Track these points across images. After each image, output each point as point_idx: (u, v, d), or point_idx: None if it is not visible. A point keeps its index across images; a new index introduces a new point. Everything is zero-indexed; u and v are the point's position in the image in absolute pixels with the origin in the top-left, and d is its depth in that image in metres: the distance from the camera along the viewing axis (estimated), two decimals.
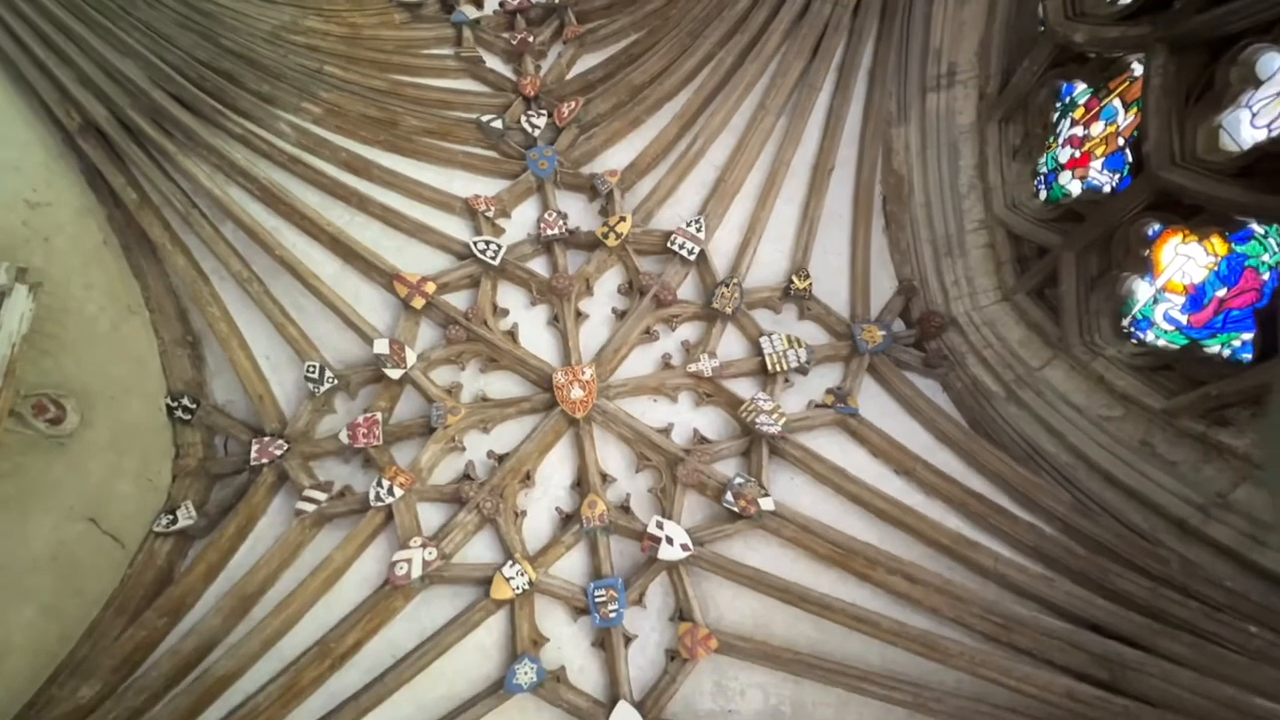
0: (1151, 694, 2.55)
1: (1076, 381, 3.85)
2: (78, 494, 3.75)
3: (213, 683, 3.23)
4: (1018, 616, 2.95)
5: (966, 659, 2.93)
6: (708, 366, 4.65)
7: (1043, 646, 2.83)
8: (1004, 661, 2.86)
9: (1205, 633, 2.57)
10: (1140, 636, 2.70)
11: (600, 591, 4.00)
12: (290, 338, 4.68)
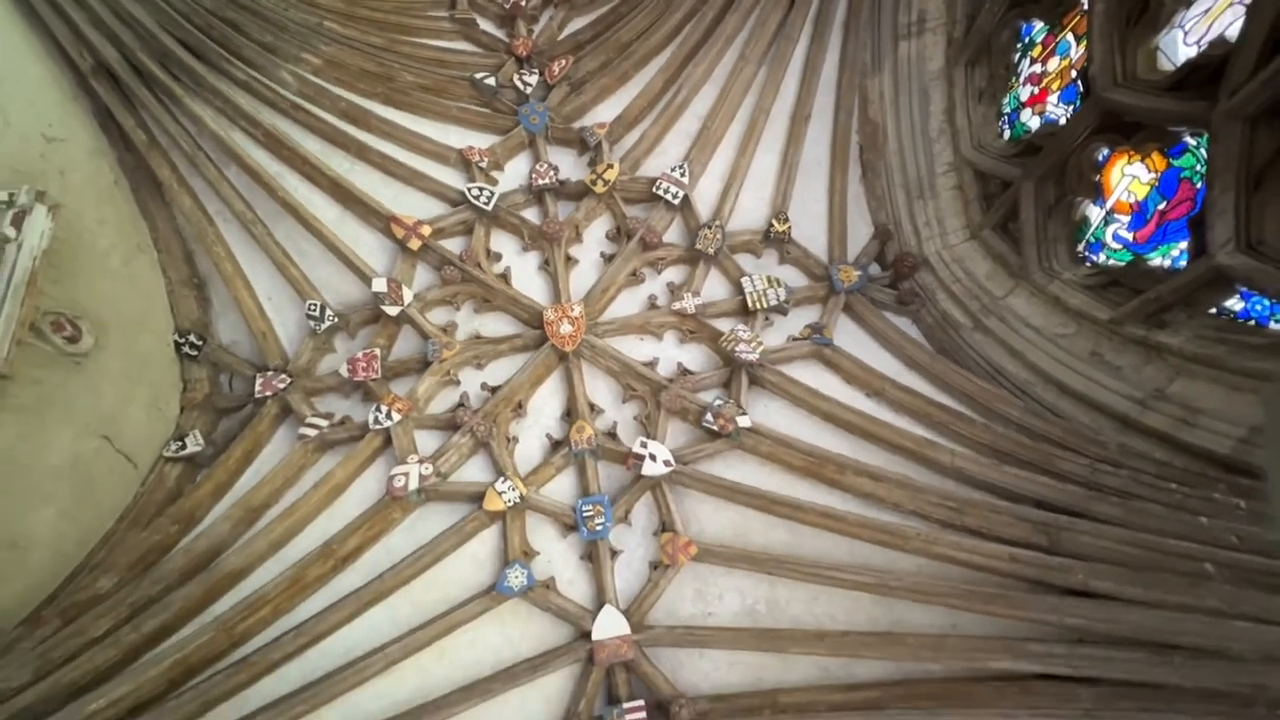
0: (1083, 550, 2.78)
1: (1036, 305, 4.08)
2: (93, 412, 3.97)
3: (223, 576, 3.45)
4: (969, 499, 3.19)
5: (923, 541, 3.16)
6: (691, 304, 4.88)
7: (990, 523, 3.07)
8: (955, 539, 3.09)
9: (1132, 495, 2.80)
10: (1076, 505, 2.94)
11: (588, 507, 4.23)
12: (292, 278, 4.89)
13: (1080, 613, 2.68)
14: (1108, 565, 2.67)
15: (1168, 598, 2.49)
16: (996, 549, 2.96)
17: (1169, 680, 2.43)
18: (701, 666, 3.83)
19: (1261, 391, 2.12)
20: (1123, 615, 2.59)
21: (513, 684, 3.69)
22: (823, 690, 3.29)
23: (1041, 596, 2.80)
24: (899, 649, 3.06)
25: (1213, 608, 2.37)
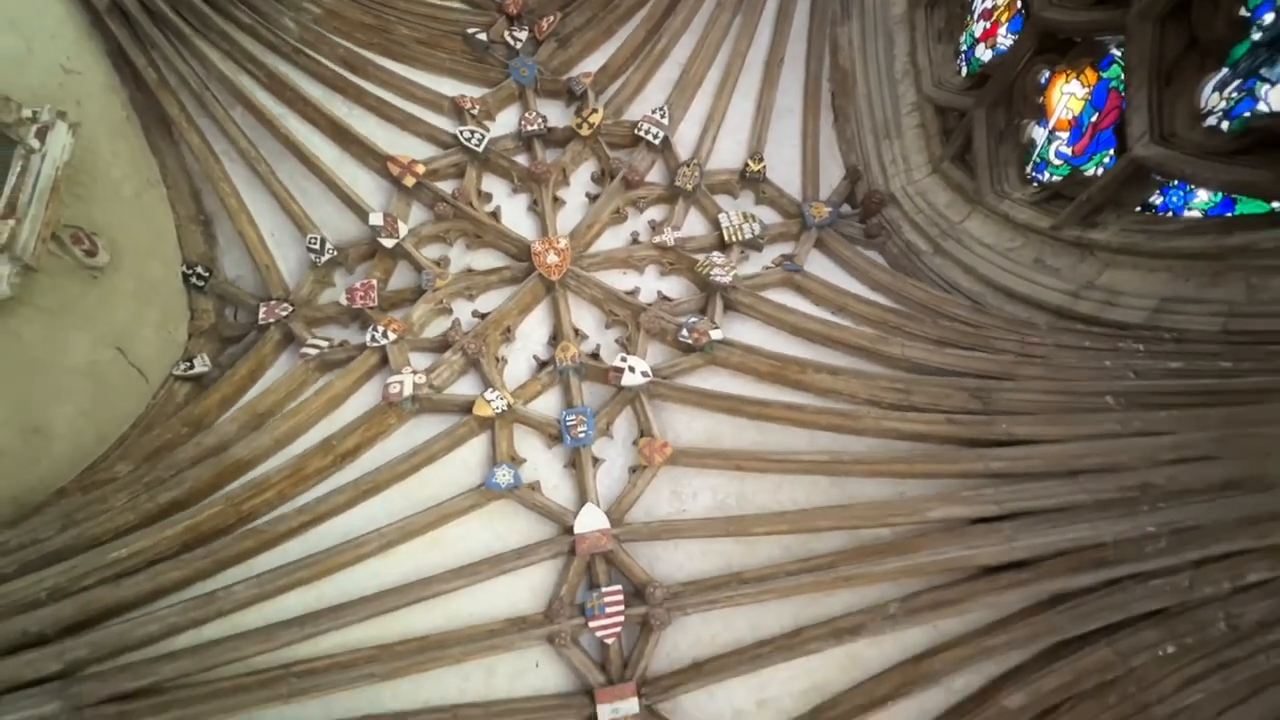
0: (1010, 406, 3.07)
1: (989, 226, 4.38)
2: (108, 325, 4.26)
3: (230, 464, 3.73)
4: (915, 380, 3.47)
5: (873, 419, 3.45)
6: (671, 238, 5.18)
7: (932, 397, 3.35)
8: (902, 413, 3.37)
9: (1056, 358, 3.08)
10: (1006, 371, 3.22)
11: (571, 418, 4.51)
12: (293, 215, 5.19)
13: (1003, 457, 2.97)
14: (1028, 414, 2.96)
15: (1075, 430, 2.78)
16: (935, 416, 3.26)
17: (1075, 499, 2.72)
18: (675, 558, 4.11)
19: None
20: (1038, 452, 2.88)
21: (500, 570, 3.97)
22: (783, 564, 3.57)
23: (972, 450, 3.09)
24: (851, 516, 3.34)
25: (1111, 430, 2.65)
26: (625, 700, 3.70)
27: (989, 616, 2.97)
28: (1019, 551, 2.83)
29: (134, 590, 2.99)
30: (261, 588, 3.28)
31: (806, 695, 3.48)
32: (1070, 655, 2.74)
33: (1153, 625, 2.54)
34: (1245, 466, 2.28)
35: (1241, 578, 2.34)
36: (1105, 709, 2.71)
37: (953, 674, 3.01)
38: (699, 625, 3.91)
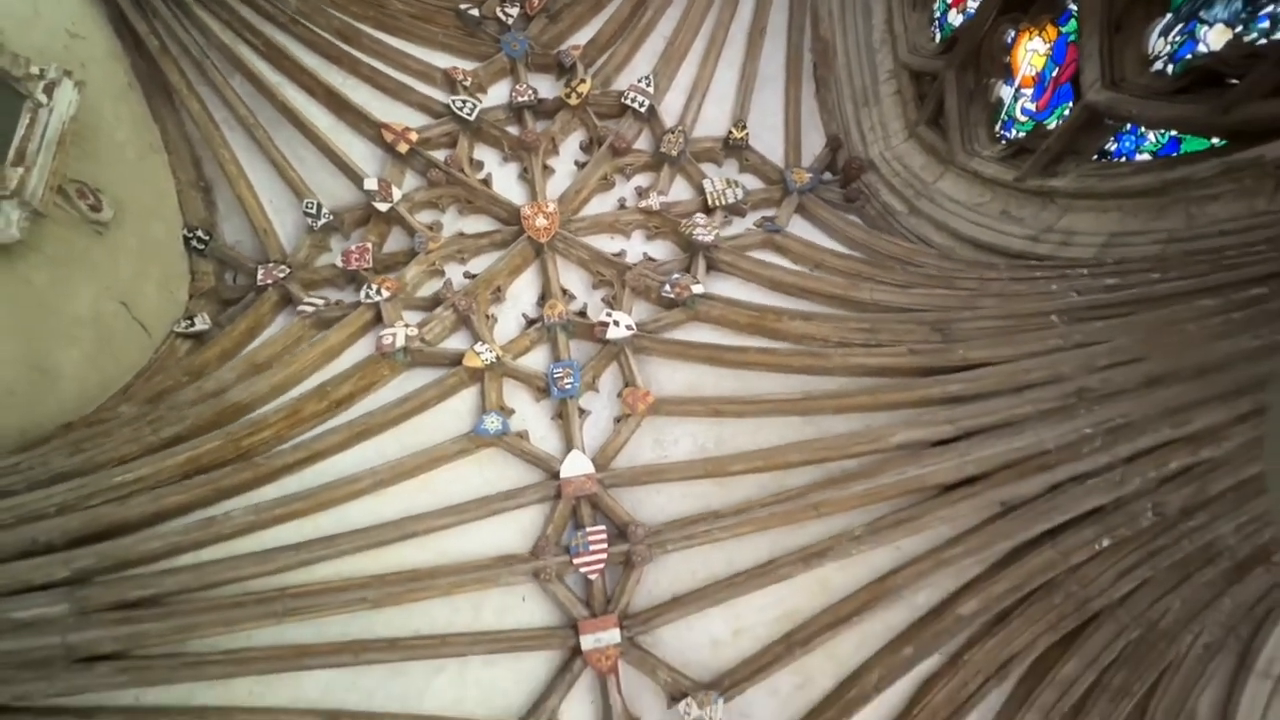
0: (967, 335, 3.22)
1: (960, 184, 4.55)
2: (112, 278, 4.42)
3: (229, 406, 3.89)
4: (882, 319, 3.64)
5: (841, 357, 3.61)
6: (656, 203, 5.35)
7: (896, 333, 3.51)
8: (868, 349, 3.53)
9: (1010, 289, 3.25)
10: (964, 304, 3.38)
11: (558, 370, 4.69)
12: (291, 181, 5.36)
13: (958, 380, 3.13)
14: (982, 339, 3.12)
15: (1022, 349, 2.94)
16: (898, 349, 3.42)
17: (1021, 412, 2.88)
18: (657, 500, 4.27)
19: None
20: (989, 373, 3.04)
21: (489, 512, 4.14)
22: (757, 500, 3.74)
23: (930, 377, 3.25)
24: (819, 448, 3.50)
25: (1054, 346, 2.81)
26: (607, 631, 3.86)
27: (947, 533, 3.13)
28: (970, 466, 2.99)
29: (138, 511, 3.16)
30: (258, 515, 3.45)
31: (779, 622, 3.64)
32: (1019, 561, 2.91)
33: (1090, 524, 2.72)
34: (1167, 362, 2.44)
35: (1165, 466, 2.50)
36: (1051, 609, 2.88)
37: (914, 590, 3.17)
38: (678, 563, 4.08)
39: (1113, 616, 2.86)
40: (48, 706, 2.69)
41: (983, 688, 3.06)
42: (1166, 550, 2.59)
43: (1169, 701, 2.98)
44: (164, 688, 2.95)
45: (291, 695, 3.31)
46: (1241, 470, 2.38)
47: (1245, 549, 2.51)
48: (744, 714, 3.65)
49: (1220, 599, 2.66)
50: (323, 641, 3.40)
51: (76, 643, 2.71)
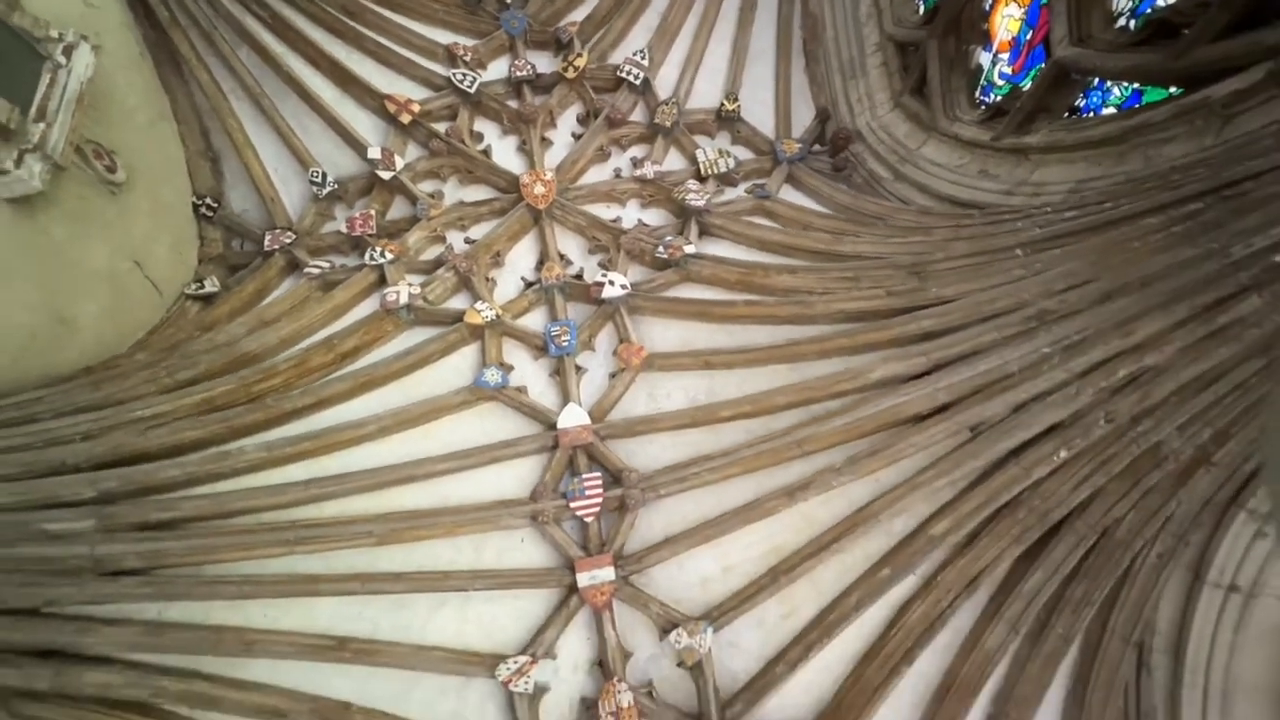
0: (938, 275, 3.41)
1: (942, 148, 4.74)
2: (126, 238, 4.60)
3: (240, 355, 4.07)
4: (863, 267, 3.82)
5: (824, 305, 3.80)
6: (651, 171, 5.53)
7: (876, 279, 3.69)
8: (849, 294, 3.72)
9: (982, 232, 3.44)
10: (939, 249, 3.56)
11: (556, 328, 4.87)
12: (296, 150, 5.54)
13: (931, 315, 3.32)
14: (953, 277, 3.31)
15: (989, 281, 3.13)
16: (877, 291, 3.60)
17: (987, 339, 3.06)
18: (650, 450, 4.45)
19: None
20: (959, 306, 3.22)
21: (489, 459, 4.31)
22: (746, 443, 3.93)
23: (907, 314, 3.44)
24: (803, 389, 3.69)
25: (1017, 275, 3.01)
26: (603, 569, 4.05)
27: (921, 462, 3.31)
28: (942, 395, 3.17)
29: (156, 442, 3.33)
30: (270, 453, 3.62)
31: (766, 557, 3.83)
32: (986, 481, 3.10)
33: (1050, 439, 2.90)
34: (1116, 279, 2.61)
35: (1114, 376, 2.68)
36: (1016, 524, 3.06)
37: (891, 517, 3.35)
38: (670, 508, 4.25)
39: (1072, 528, 3.05)
40: (77, 614, 2.86)
41: (954, 603, 3.24)
42: (1118, 457, 2.78)
43: (1128, 613, 3.17)
44: (184, 604, 3.12)
45: (303, 621, 3.48)
46: (1181, 374, 2.57)
47: (1187, 450, 2.69)
48: (732, 643, 3.83)
49: (1168, 504, 2.85)
50: (331, 572, 3.58)
51: (103, 555, 2.88)
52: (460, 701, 3.77)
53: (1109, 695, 3.29)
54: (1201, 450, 2.68)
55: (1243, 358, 2.42)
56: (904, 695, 3.53)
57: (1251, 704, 3.09)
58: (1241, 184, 2.21)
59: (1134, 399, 2.67)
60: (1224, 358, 2.44)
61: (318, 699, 3.36)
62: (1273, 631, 2.97)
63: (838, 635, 3.43)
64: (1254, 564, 2.90)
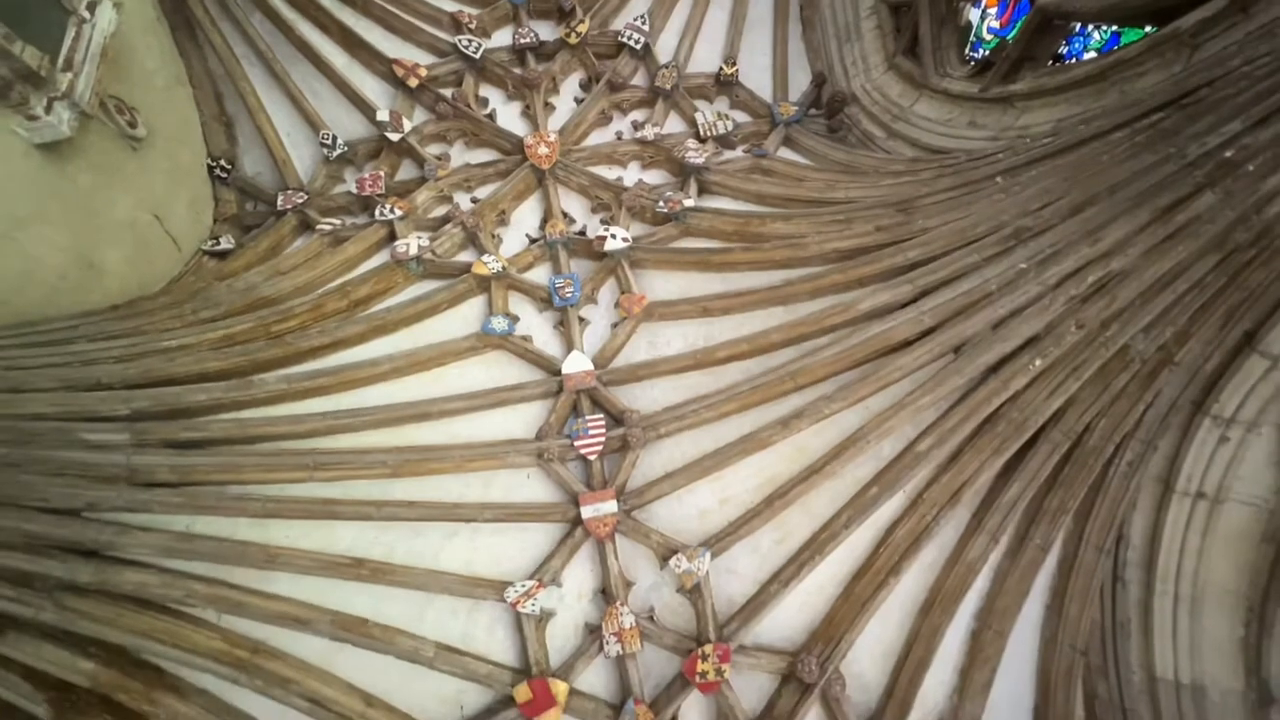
0: (924, 208, 3.59)
1: (934, 105, 4.91)
2: (146, 192, 4.79)
3: (258, 299, 4.26)
4: (854, 209, 3.99)
5: (817, 245, 3.97)
6: (651, 133, 5.69)
7: (867, 218, 3.86)
8: (840, 232, 3.89)
9: (966, 168, 3.61)
10: (927, 186, 3.73)
11: (560, 281, 5.05)
12: (307, 114, 5.72)
13: (917, 245, 3.48)
14: (938, 209, 3.47)
15: (971, 209, 3.30)
16: (866, 228, 3.77)
17: (969, 261, 3.24)
18: (651, 394, 4.63)
19: None
20: (942, 233, 3.39)
21: (496, 402, 4.50)
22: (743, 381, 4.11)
23: (894, 247, 3.60)
24: (797, 325, 3.86)
25: (997, 200, 3.17)
26: (606, 502, 4.23)
27: (908, 386, 3.48)
28: (927, 319, 3.34)
29: (184, 369, 3.51)
30: (289, 385, 3.81)
31: (761, 488, 4.01)
32: (967, 398, 3.26)
33: (1026, 352, 3.07)
34: (1086, 191, 2.78)
35: (1084, 283, 2.85)
36: (995, 436, 3.23)
37: (879, 440, 3.52)
38: (670, 447, 4.43)
39: (1047, 438, 3.22)
40: (114, 521, 3.05)
41: (938, 517, 3.41)
42: (1088, 362, 2.94)
43: (1101, 522, 3.34)
44: (211, 519, 3.30)
45: (322, 543, 3.67)
46: (1144, 276, 2.73)
47: (1151, 351, 2.85)
48: (729, 570, 4.02)
49: (1136, 408, 3.01)
50: (348, 498, 3.78)
51: (138, 465, 3.07)
52: (471, 623, 3.97)
53: (1085, 604, 3.47)
54: (1165, 351, 2.84)
55: (1199, 255, 2.59)
56: (892, 611, 3.73)
57: (1219, 608, 3.27)
58: (1197, 92, 2.38)
59: (1101, 305, 2.83)
60: (1182, 256, 2.61)
61: (336, 613, 3.56)
62: (1238, 536, 3.14)
63: (829, 554, 3.62)
64: (1218, 469, 3.07)
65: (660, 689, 3.96)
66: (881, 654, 3.77)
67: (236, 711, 3.32)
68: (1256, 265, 2.53)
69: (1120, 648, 3.51)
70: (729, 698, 3.78)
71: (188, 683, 3.23)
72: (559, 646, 4.08)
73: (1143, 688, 3.47)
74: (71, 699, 2.96)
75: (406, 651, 3.64)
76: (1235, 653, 3.25)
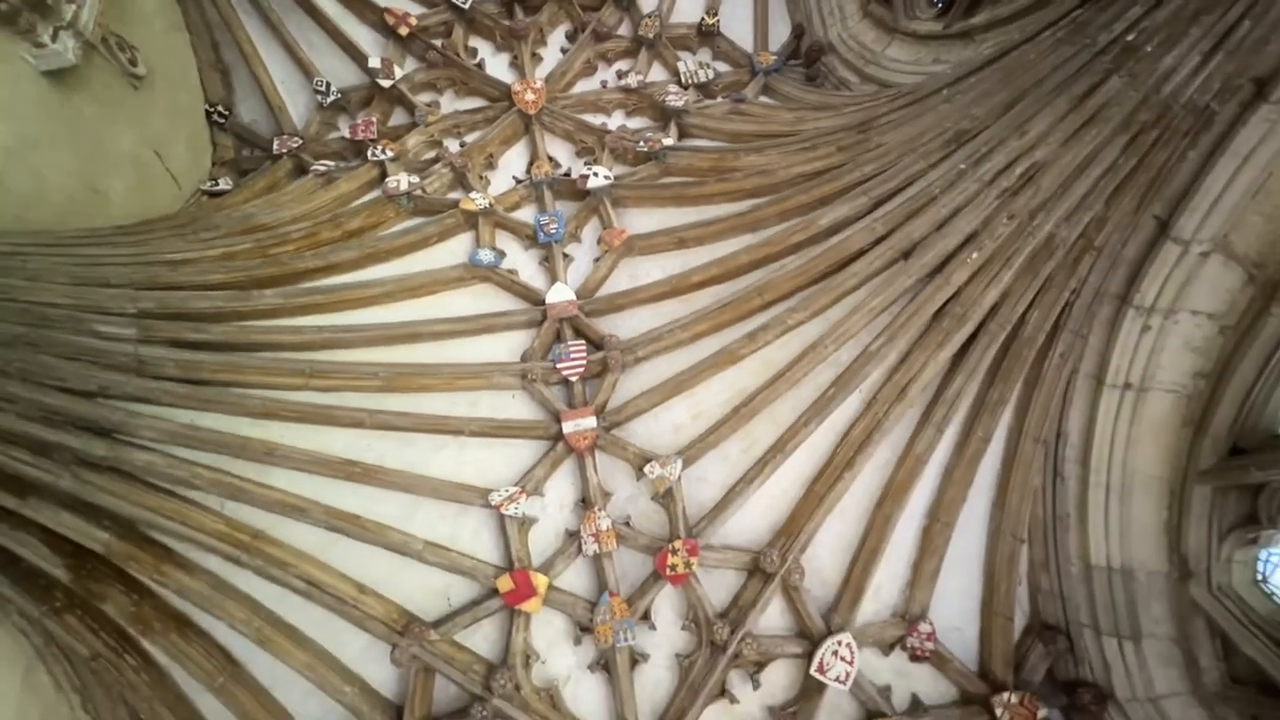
0: (882, 125, 3.81)
1: (904, 48, 5.15)
2: (147, 129, 5.01)
3: (255, 225, 4.49)
4: (820, 135, 4.24)
5: (785, 170, 4.20)
6: (634, 81, 5.90)
7: (831, 141, 4.09)
8: (805, 156, 4.12)
9: (921, 90, 3.84)
10: (882, 107, 3.97)
11: (545, 218, 5.29)
12: (301, 62, 5.94)
13: (871, 159, 3.73)
14: (892, 125, 3.70)
15: (920, 121, 3.53)
16: (829, 149, 4.00)
17: (916, 169, 3.47)
18: (630, 324, 4.88)
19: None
20: (893, 146, 3.62)
21: (484, 327, 4.75)
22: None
23: (852, 163, 3.84)
24: (763, 245, 4.11)
25: (943, 110, 3.41)
26: (586, 419, 4.49)
27: (864, 295, 3.73)
28: (879, 226, 3.58)
29: (187, 279, 3.75)
30: (286, 300, 4.05)
31: (730, 401, 4.27)
32: (915, 299, 3.51)
33: (966, 247, 3.31)
34: (1015, 88, 3.02)
35: (1013, 175, 3.09)
36: (940, 332, 3.48)
37: (838, 346, 3.78)
38: (647, 372, 4.67)
39: (986, 331, 3.46)
40: (123, 410, 3.30)
41: (888, 413, 3.67)
42: (1019, 251, 3.17)
43: (1039, 414, 3.59)
44: (215, 415, 3.56)
45: (318, 445, 3.94)
46: (1063, 163, 2.96)
47: (1073, 237, 3.09)
48: (700, 478, 4.29)
49: (1064, 295, 3.25)
50: (343, 405, 4.03)
51: (146, 357, 3.30)
52: (457, 526, 4.24)
53: (1024, 495, 3.73)
54: (1085, 238, 3.08)
55: (1110, 138, 2.82)
56: (849, 509, 3.99)
57: (1146, 493, 3.52)
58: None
59: (1028, 196, 3.06)
60: (1096, 141, 2.84)
61: (331, 507, 3.83)
62: (1162, 423, 3.39)
63: (792, 454, 3.88)
64: (1142, 359, 3.31)
65: (635, 587, 4.24)
66: (840, 549, 4.04)
67: (238, 591, 3.61)
68: (1160, 145, 2.76)
69: (1060, 541, 3.78)
70: (698, 591, 4.06)
71: (193, 562, 3.50)
72: (540, 550, 4.36)
73: (1080, 577, 3.75)
74: (88, 567, 3.23)
75: (396, 544, 3.92)
76: (1159, 535, 3.52)
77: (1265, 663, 3.12)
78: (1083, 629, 3.81)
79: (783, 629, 4.11)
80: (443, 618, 4.04)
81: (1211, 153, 2.75)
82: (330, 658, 3.83)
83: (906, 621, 3.99)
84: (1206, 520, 3.32)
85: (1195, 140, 2.70)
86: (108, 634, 3.36)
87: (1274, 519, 3.08)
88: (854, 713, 3.99)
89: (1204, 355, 3.20)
